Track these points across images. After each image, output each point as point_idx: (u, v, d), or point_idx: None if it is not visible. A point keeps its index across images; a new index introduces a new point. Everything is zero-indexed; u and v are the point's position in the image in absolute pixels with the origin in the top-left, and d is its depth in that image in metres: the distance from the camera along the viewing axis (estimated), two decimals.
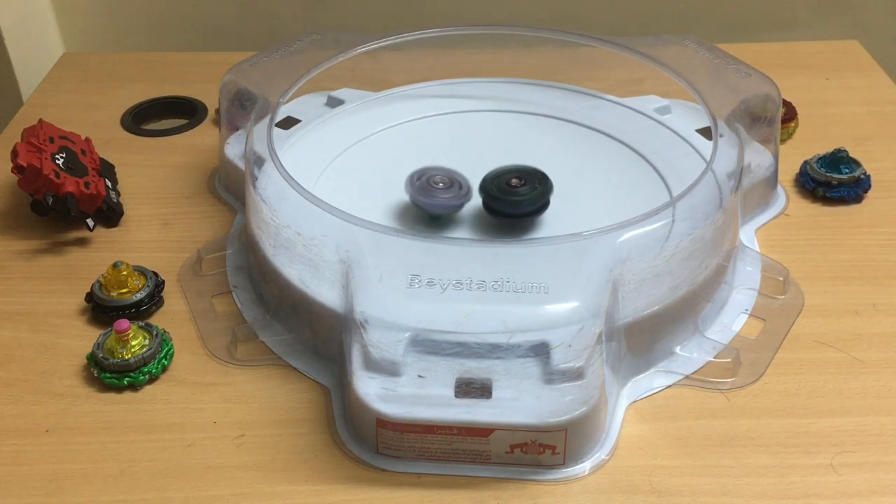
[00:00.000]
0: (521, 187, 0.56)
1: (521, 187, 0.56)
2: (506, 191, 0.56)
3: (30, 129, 0.66)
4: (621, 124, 0.68)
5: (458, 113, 0.70)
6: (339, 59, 0.69)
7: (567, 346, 0.47)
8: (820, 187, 0.67)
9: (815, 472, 0.47)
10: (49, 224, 0.65)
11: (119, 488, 0.47)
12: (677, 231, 0.53)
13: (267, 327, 0.56)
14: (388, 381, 0.47)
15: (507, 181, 0.57)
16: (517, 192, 0.56)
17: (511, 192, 0.56)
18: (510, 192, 0.56)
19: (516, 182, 0.57)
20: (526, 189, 0.56)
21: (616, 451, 0.48)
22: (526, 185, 0.57)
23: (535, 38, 0.71)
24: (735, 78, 0.65)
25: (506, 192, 0.56)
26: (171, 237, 0.65)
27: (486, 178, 0.57)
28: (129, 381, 0.52)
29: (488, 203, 0.57)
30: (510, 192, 0.56)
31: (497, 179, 0.57)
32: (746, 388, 0.52)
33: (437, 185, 0.58)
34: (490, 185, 0.57)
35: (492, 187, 0.57)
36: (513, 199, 0.56)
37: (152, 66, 0.87)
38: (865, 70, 0.84)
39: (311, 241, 0.53)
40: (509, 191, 0.56)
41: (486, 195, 0.57)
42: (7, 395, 0.52)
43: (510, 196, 0.56)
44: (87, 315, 0.58)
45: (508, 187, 0.56)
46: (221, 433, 0.50)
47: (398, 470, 0.47)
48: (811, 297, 0.58)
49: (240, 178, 0.64)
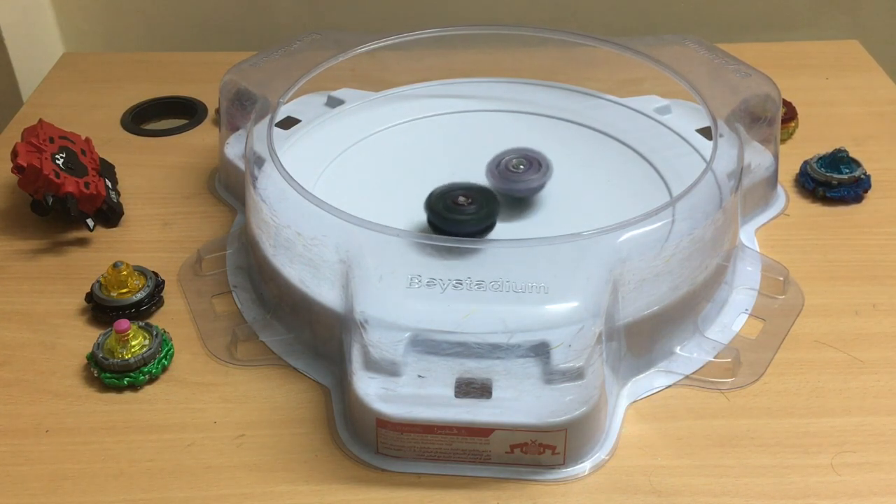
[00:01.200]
0: (467, 206, 0.55)
1: (467, 206, 0.55)
2: (452, 209, 0.55)
3: (30, 129, 0.66)
4: (621, 124, 0.68)
5: (458, 113, 0.70)
6: (339, 59, 0.69)
7: (567, 346, 0.47)
8: (820, 187, 0.67)
9: (815, 472, 0.47)
10: (49, 224, 0.65)
11: (119, 488, 0.47)
12: (677, 231, 0.53)
13: (267, 327, 0.56)
14: (388, 381, 0.47)
15: (453, 199, 0.55)
16: (463, 211, 0.54)
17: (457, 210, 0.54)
18: (456, 211, 0.54)
19: (463, 200, 0.55)
20: (473, 209, 0.55)
21: (616, 451, 0.48)
22: (473, 205, 0.55)
23: (535, 38, 0.71)
24: (735, 78, 0.65)
25: (452, 210, 0.55)
26: (171, 237, 0.65)
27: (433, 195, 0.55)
28: (129, 381, 0.52)
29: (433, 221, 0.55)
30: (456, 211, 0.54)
31: (444, 197, 0.55)
32: (746, 388, 0.52)
33: (516, 168, 0.58)
34: (436, 202, 0.55)
35: (438, 205, 0.55)
36: (458, 217, 0.54)
37: (152, 66, 0.87)
38: (865, 70, 0.84)
39: (311, 241, 0.53)
40: (455, 209, 0.55)
41: (431, 213, 0.55)
42: (7, 395, 0.52)
43: (455, 215, 0.54)
44: (87, 315, 0.58)
45: (455, 205, 0.55)
46: (221, 433, 0.50)
47: (398, 470, 0.47)
48: (811, 297, 0.58)
49: (240, 178, 0.64)
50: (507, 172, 0.59)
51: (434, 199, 0.55)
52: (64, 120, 0.73)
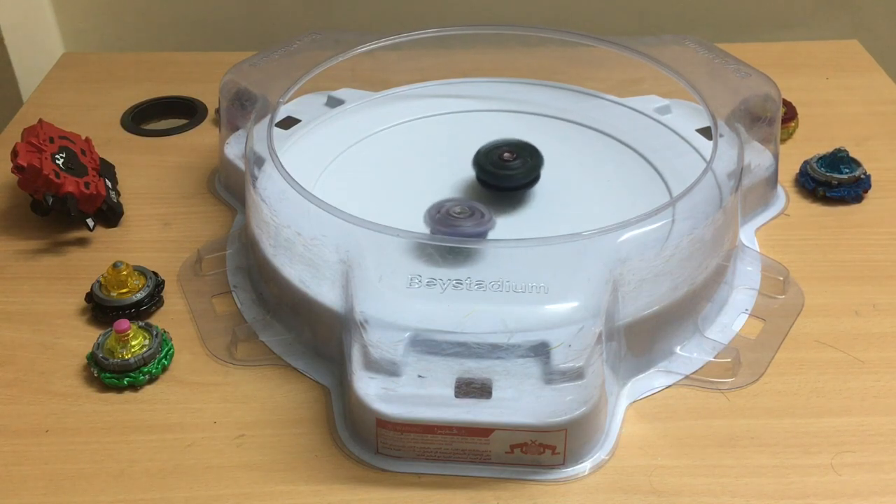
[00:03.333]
0: (513, 161, 0.59)
1: (513, 161, 0.59)
2: (498, 164, 0.59)
3: (30, 129, 0.66)
4: (621, 124, 0.68)
5: (458, 113, 0.70)
6: (339, 59, 0.69)
7: (567, 346, 0.47)
8: (820, 187, 0.67)
9: (815, 472, 0.47)
10: (49, 224, 0.65)
11: (119, 488, 0.47)
12: (677, 231, 0.53)
13: (267, 327, 0.56)
14: (388, 381, 0.47)
15: (499, 155, 0.59)
16: (509, 167, 0.59)
17: (504, 165, 0.59)
18: (503, 167, 0.59)
19: (508, 156, 0.59)
20: (518, 163, 0.59)
21: (616, 451, 0.48)
22: (518, 159, 0.59)
23: (535, 38, 0.71)
24: (735, 78, 0.65)
25: (498, 165, 0.59)
26: (171, 237, 0.65)
27: (480, 153, 0.60)
28: (129, 381, 0.52)
29: (481, 177, 0.60)
30: (503, 167, 0.59)
31: (489, 154, 0.59)
32: (746, 388, 0.52)
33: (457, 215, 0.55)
34: (483, 159, 0.59)
35: (485, 161, 0.59)
36: (505, 172, 0.59)
37: (152, 66, 0.87)
38: (865, 70, 0.84)
39: (311, 241, 0.53)
40: (502, 164, 0.59)
41: (479, 169, 0.59)
42: (7, 395, 0.52)
43: (503, 170, 0.59)
44: (87, 315, 0.58)
45: (501, 161, 0.59)
46: (221, 433, 0.50)
47: (398, 470, 0.47)
48: (811, 297, 0.58)
49: (240, 178, 0.64)
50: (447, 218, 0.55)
51: (481, 156, 0.59)
52: (64, 120, 0.73)
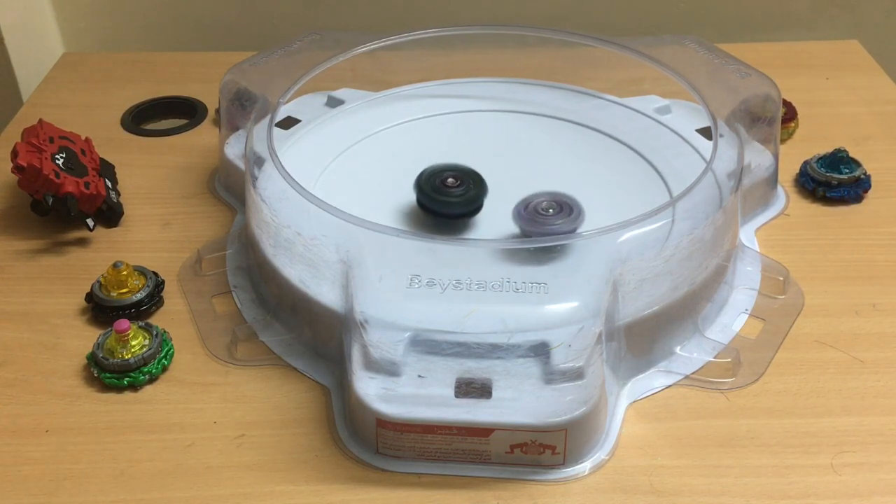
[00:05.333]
0: (455, 188, 0.56)
1: (455, 188, 0.56)
2: (440, 190, 0.56)
3: (30, 129, 0.66)
4: (621, 124, 0.68)
5: (458, 113, 0.70)
6: (339, 59, 0.69)
7: (567, 346, 0.47)
8: (820, 187, 0.67)
9: (815, 472, 0.47)
10: (49, 224, 0.65)
11: (119, 488, 0.47)
12: (677, 231, 0.53)
13: (267, 327, 0.56)
14: (388, 381, 0.47)
15: (442, 180, 0.56)
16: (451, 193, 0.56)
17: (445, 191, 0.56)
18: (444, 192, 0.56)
19: (452, 182, 0.56)
20: (461, 190, 0.56)
21: (616, 451, 0.48)
22: (461, 186, 0.56)
23: (535, 38, 0.71)
24: (735, 78, 0.65)
25: (440, 191, 0.56)
26: (171, 237, 0.65)
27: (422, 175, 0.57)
28: (129, 381, 0.52)
29: (422, 201, 0.57)
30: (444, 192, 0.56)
31: (432, 178, 0.56)
32: (746, 388, 0.52)
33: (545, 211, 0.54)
34: (425, 183, 0.56)
35: (427, 186, 0.56)
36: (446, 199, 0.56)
37: (152, 66, 0.87)
38: (865, 70, 0.84)
39: (311, 241, 0.53)
40: (444, 190, 0.56)
41: (420, 193, 0.56)
42: (7, 395, 0.52)
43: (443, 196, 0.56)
44: (87, 315, 0.58)
45: (444, 186, 0.56)
46: (221, 433, 0.50)
47: (398, 470, 0.47)
48: (811, 297, 0.58)
49: (240, 178, 0.64)
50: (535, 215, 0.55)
51: (423, 179, 0.56)
52: (64, 120, 0.73)
